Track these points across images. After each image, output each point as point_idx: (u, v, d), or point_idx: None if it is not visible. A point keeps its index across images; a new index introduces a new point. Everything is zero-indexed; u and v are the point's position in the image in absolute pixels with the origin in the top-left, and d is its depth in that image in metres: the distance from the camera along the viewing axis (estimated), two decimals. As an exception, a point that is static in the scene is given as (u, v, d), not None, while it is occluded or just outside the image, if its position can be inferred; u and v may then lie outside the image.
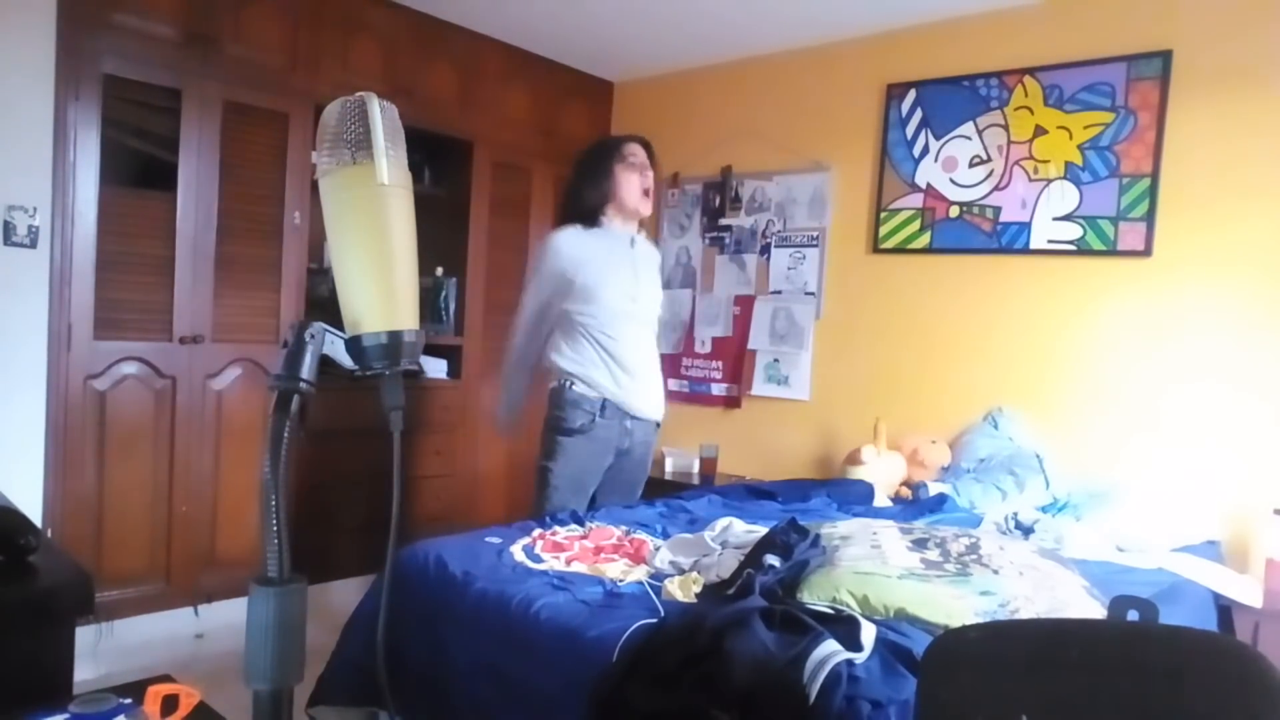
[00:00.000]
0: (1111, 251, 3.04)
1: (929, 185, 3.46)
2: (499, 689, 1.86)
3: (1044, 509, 2.92)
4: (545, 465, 2.70)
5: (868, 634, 1.61)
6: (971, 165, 3.36)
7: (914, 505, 2.92)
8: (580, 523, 2.55)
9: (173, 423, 3.08)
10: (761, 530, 2.27)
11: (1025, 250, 3.23)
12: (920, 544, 2.00)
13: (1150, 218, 2.97)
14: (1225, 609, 2.42)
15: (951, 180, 3.41)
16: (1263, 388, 2.77)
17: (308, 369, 0.82)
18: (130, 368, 2.99)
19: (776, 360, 3.91)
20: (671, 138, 4.29)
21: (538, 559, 2.17)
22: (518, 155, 4.11)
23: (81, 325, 2.86)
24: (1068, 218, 3.13)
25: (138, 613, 3.03)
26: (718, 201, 4.09)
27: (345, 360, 0.87)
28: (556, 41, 4.03)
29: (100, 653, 2.79)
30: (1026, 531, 2.63)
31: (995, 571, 1.83)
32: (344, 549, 3.51)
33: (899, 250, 3.55)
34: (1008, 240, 3.27)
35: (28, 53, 2.69)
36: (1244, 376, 2.80)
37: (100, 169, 2.85)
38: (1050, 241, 3.17)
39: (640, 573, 2.09)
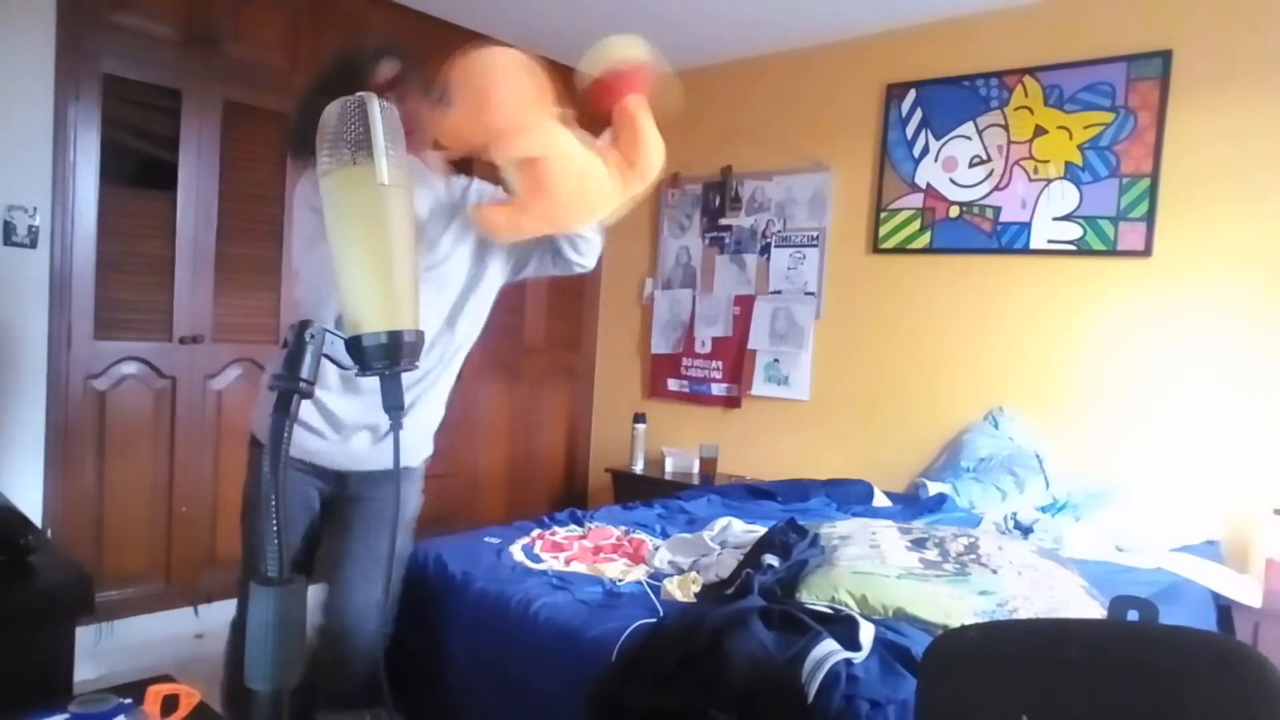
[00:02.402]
0: (1111, 251, 3.04)
1: (929, 185, 3.46)
2: (498, 688, 1.86)
3: (1044, 509, 2.92)
4: None
5: (866, 634, 1.61)
6: (971, 165, 3.36)
7: (913, 505, 2.93)
8: (579, 523, 2.55)
9: (173, 423, 3.08)
10: (760, 530, 2.27)
11: (1025, 250, 3.22)
12: (919, 544, 2.00)
13: (1150, 218, 2.97)
14: (1225, 609, 2.42)
15: (951, 180, 3.41)
16: (1263, 387, 2.77)
17: (308, 369, 0.82)
18: (130, 368, 2.98)
19: (776, 360, 3.91)
20: (671, 138, 4.29)
21: (537, 559, 2.18)
22: (518, 155, 4.10)
23: (81, 325, 2.86)
24: (1068, 218, 3.13)
25: (138, 613, 3.03)
26: (718, 201, 4.09)
27: (345, 360, 0.87)
28: (556, 41, 4.03)
29: (100, 653, 2.79)
30: (1026, 531, 2.63)
31: (994, 571, 1.83)
32: (344, 549, 3.50)
33: (899, 250, 3.55)
34: (1008, 240, 3.27)
35: (28, 53, 2.69)
36: (1244, 376, 2.80)
37: (100, 169, 2.85)
38: (1050, 241, 3.17)
39: (639, 573, 2.09)
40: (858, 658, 1.54)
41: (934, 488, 3.09)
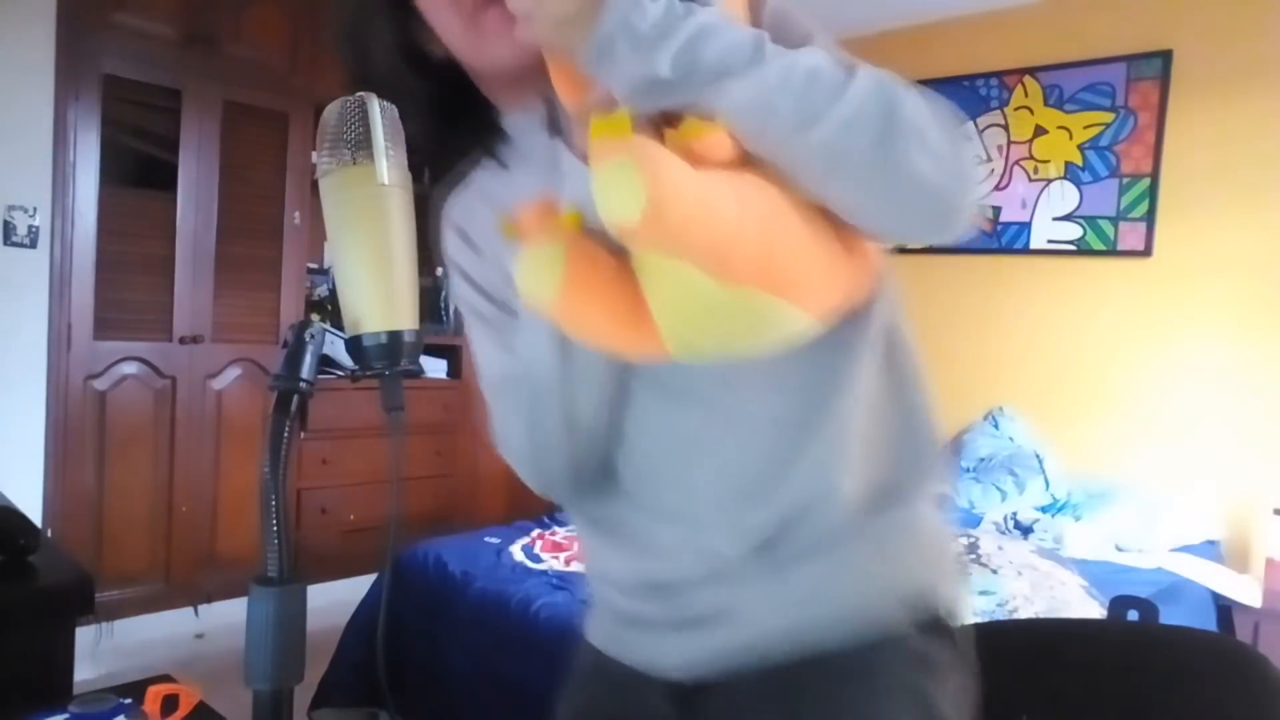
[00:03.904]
0: (1111, 251, 3.04)
1: (929, 185, 3.46)
2: (498, 688, 1.86)
3: (1044, 509, 2.92)
4: None
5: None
6: (971, 165, 3.36)
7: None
8: (580, 523, 2.55)
9: (173, 423, 3.08)
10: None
11: (1025, 250, 3.23)
12: (920, 544, 2.01)
13: (1150, 218, 2.96)
14: (1225, 609, 2.43)
15: (951, 180, 3.41)
16: (1263, 387, 2.77)
17: (308, 369, 0.82)
18: (130, 368, 2.98)
19: (776, 360, 3.91)
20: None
21: (537, 559, 2.18)
22: (518, 155, 4.11)
23: (81, 325, 2.85)
24: (1068, 218, 3.13)
25: (138, 613, 3.03)
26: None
27: (345, 360, 0.87)
28: (556, 41, 4.03)
29: (100, 653, 2.79)
30: (1026, 531, 2.63)
31: (994, 571, 1.84)
32: (344, 549, 3.51)
33: (899, 250, 3.54)
34: (1008, 240, 3.27)
35: (28, 53, 2.69)
36: (1244, 376, 2.80)
37: (100, 169, 2.85)
38: (1050, 241, 3.17)
39: (640, 573, 2.09)
40: (858, 658, 1.54)
41: (934, 488, 3.09)
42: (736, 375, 0.71)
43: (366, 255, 0.84)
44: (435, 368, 3.92)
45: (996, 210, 3.29)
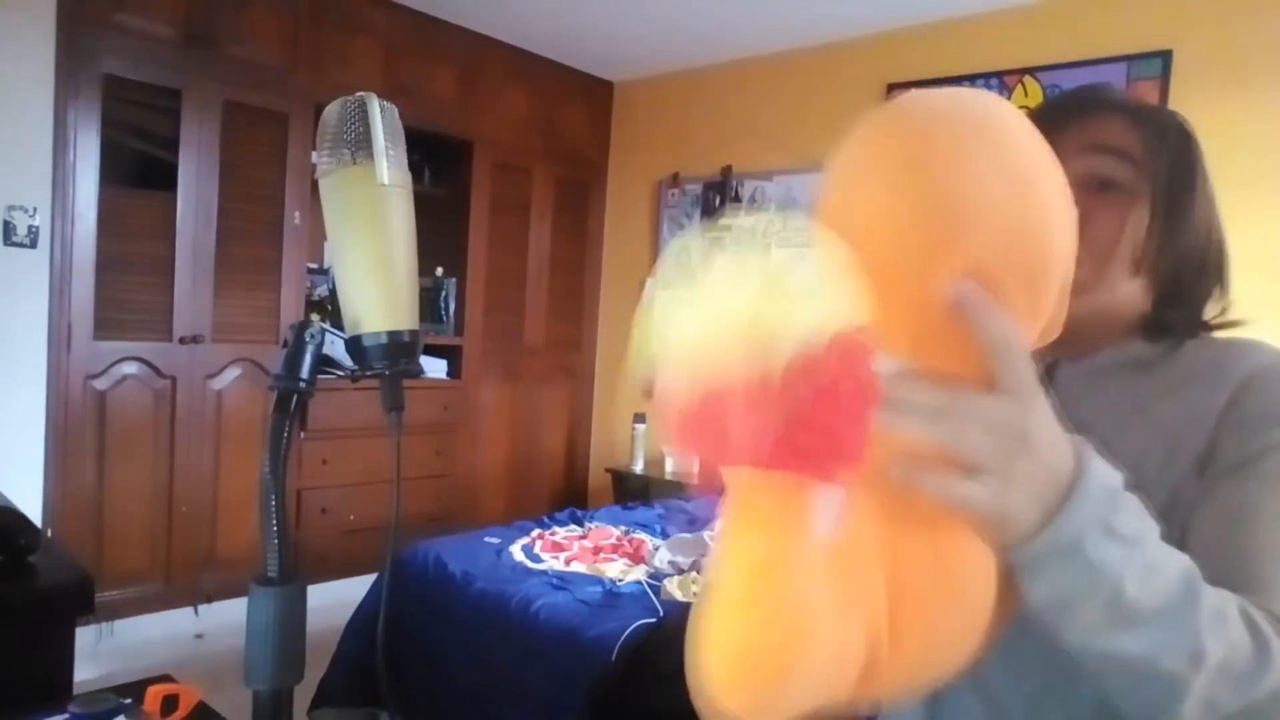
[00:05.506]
0: (1111, 251, 3.05)
1: (929, 185, 3.47)
2: (498, 688, 1.86)
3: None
4: None
5: (867, 634, 1.61)
6: (971, 165, 3.36)
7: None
8: (579, 523, 2.55)
9: (173, 423, 3.08)
10: (761, 530, 2.27)
11: (1025, 250, 3.23)
12: (920, 544, 2.01)
13: (1150, 218, 2.97)
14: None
15: (951, 180, 3.41)
16: (1262, 388, 2.77)
17: (307, 369, 0.82)
18: (130, 368, 2.99)
19: (776, 360, 3.90)
20: (671, 138, 4.29)
21: (537, 559, 2.18)
22: (518, 155, 4.11)
23: (81, 325, 2.86)
24: (1067, 218, 3.14)
25: (138, 613, 3.03)
26: (718, 201, 4.09)
27: (345, 360, 0.87)
28: (556, 41, 4.03)
29: (100, 653, 2.79)
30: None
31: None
32: (344, 549, 3.51)
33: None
34: (1007, 240, 3.27)
35: (28, 53, 2.69)
36: (1244, 376, 2.81)
37: (100, 169, 2.85)
38: (1050, 241, 3.18)
39: (639, 572, 2.09)
40: (858, 658, 1.54)
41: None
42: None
43: (366, 255, 0.85)
44: (435, 368, 3.92)
45: (996, 210, 3.30)
